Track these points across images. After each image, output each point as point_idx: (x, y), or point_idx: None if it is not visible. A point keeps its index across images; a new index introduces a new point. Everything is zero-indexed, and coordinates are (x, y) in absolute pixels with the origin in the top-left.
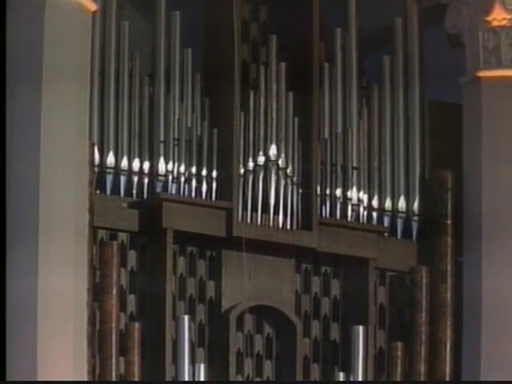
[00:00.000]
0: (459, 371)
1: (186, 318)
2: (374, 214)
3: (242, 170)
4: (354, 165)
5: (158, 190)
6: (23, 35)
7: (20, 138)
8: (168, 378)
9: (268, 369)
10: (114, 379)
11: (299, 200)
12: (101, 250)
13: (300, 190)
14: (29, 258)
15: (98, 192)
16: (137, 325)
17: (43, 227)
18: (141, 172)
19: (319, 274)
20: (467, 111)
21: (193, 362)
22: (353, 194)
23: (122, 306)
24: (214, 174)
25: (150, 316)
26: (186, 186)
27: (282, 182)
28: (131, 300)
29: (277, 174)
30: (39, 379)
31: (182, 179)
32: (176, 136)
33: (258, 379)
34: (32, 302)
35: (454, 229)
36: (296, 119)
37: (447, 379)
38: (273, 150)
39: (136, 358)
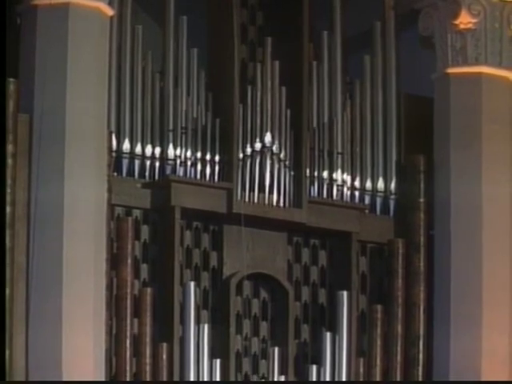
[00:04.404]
0: (431, 330)
1: (192, 284)
2: (356, 193)
3: (241, 155)
4: (339, 150)
5: (168, 172)
6: (50, 38)
7: (46, 127)
8: (176, 337)
9: (264, 329)
10: (128, 338)
11: (291, 181)
12: (117, 224)
13: (291, 173)
14: (55, 232)
15: (115, 174)
16: (149, 290)
17: (68, 204)
18: (153, 156)
19: (308, 246)
20: (438, 103)
21: (198, 322)
22: (338, 175)
23: (136, 274)
24: (217, 158)
25: (161, 282)
26: (192, 169)
27: (276, 166)
28: (144, 268)
29: (271, 159)
30: (64, 340)
31: (189, 163)
32: (183, 125)
33: (255, 338)
34: (57, 274)
35: (426, 206)
36: (288, 111)
37: (421, 338)
38: (268, 138)
39: (148, 320)
